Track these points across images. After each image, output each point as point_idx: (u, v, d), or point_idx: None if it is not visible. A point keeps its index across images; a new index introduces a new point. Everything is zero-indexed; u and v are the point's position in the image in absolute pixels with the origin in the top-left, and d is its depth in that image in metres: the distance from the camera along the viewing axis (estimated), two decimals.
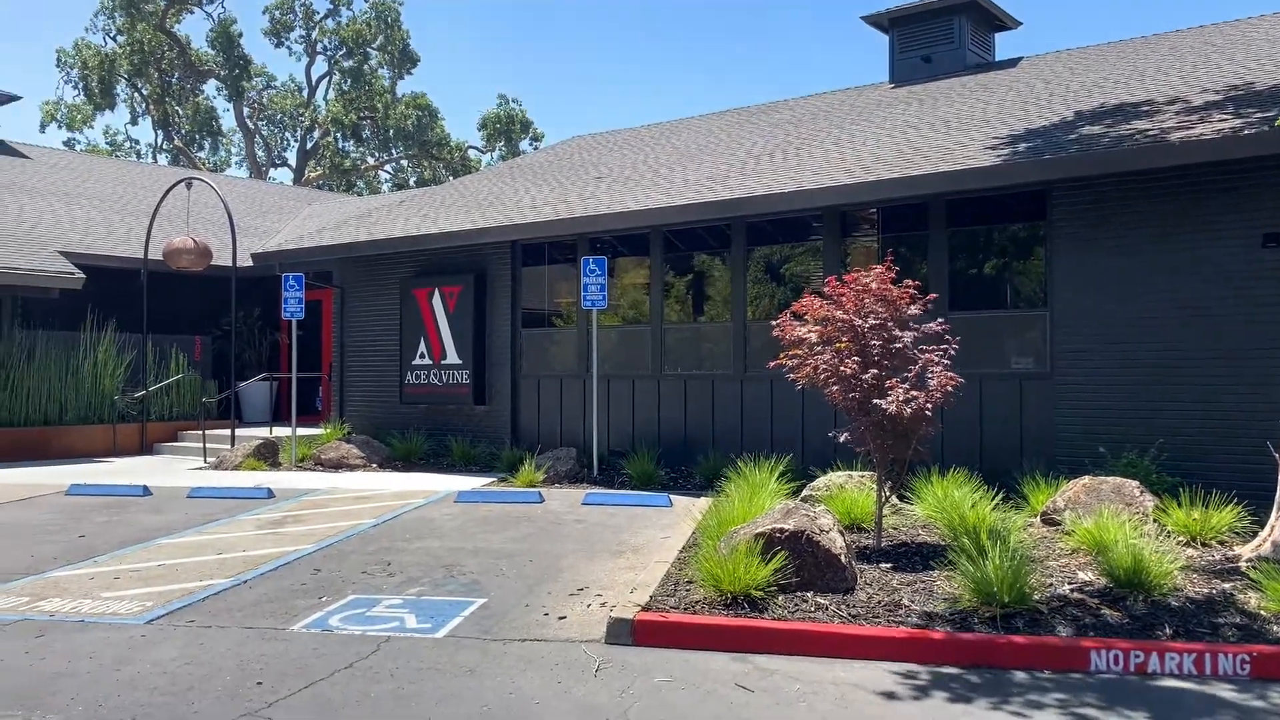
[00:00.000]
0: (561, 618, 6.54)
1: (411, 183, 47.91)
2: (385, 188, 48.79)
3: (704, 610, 6.33)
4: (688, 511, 10.08)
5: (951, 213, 11.39)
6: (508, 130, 47.77)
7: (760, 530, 6.91)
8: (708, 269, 13.65)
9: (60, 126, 45.47)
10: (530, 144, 47.70)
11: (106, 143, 47.48)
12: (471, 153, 49.00)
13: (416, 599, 7.00)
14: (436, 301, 15.37)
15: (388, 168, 50.48)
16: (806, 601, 6.49)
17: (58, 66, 44.36)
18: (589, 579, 7.51)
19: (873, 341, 7.67)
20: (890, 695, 5.24)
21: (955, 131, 12.49)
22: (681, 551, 7.99)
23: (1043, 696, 5.20)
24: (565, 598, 7.01)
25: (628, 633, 6.09)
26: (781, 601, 6.45)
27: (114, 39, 44.18)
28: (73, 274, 16.87)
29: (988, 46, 17.35)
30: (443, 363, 15.29)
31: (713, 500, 9.59)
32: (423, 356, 15.54)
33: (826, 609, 6.37)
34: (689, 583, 6.90)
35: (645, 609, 6.32)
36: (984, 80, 15.57)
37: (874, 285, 7.87)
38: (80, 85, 43.92)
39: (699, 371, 13.20)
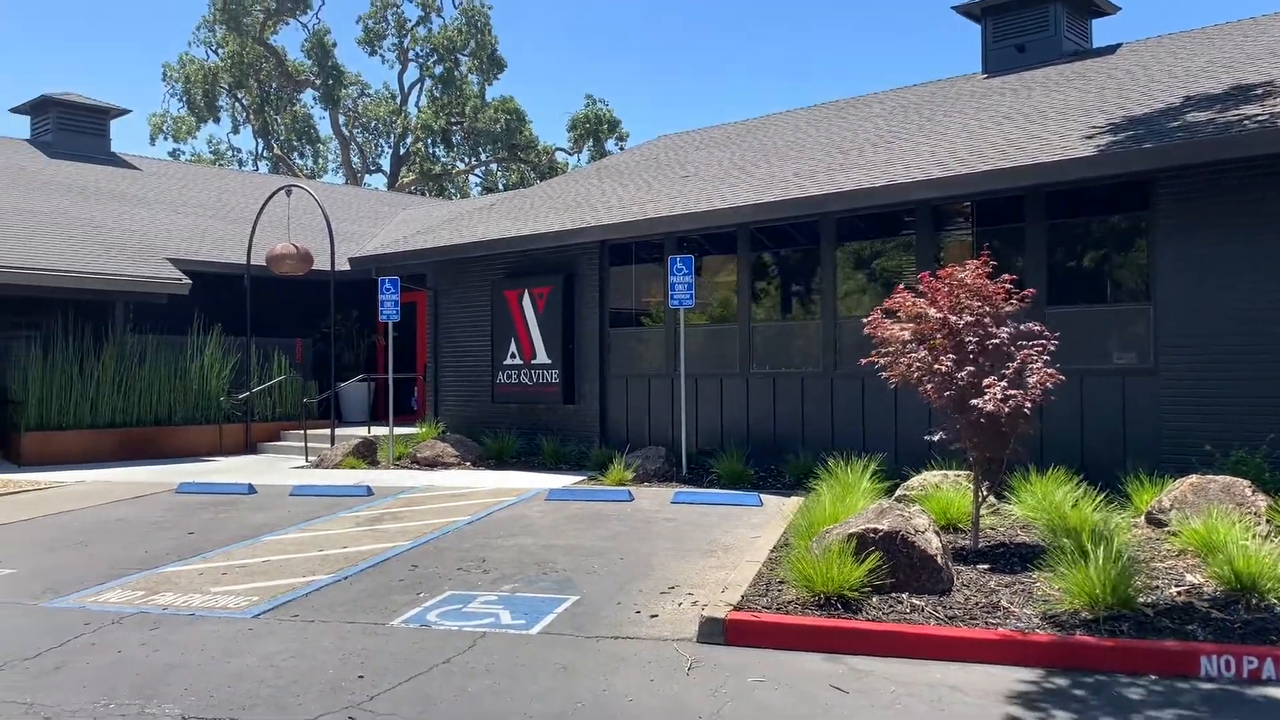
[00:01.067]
0: (653, 616, 6.57)
1: (500, 186, 48.61)
2: (475, 191, 49.57)
3: (796, 610, 6.29)
4: (778, 511, 10.03)
5: (1049, 205, 11.09)
6: (595, 131, 48.10)
7: (853, 530, 6.84)
8: (796, 266, 13.55)
9: (166, 138, 47.30)
10: (617, 144, 47.94)
11: (210, 152, 49.21)
12: (559, 155, 49.48)
13: (510, 595, 7.10)
14: (526, 302, 15.57)
15: (477, 172, 51.29)
16: (901, 603, 6.40)
17: (163, 80, 46.19)
18: (680, 577, 7.52)
19: (968, 338, 7.52)
20: (989, 698, 5.14)
21: (1052, 121, 12.16)
22: (772, 551, 7.96)
23: (1160, 711, 5.04)
24: (656, 596, 7.04)
25: (720, 632, 6.08)
26: (875, 602, 6.37)
27: (215, 52, 45.80)
28: (180, 280, 17.55)
29: (1084, 33, 16.85)
30: (533, 362, 15.49)
31: (803, 500, 9.52)
32: (513, 356, 15.76)
33: (922, 610, 6.27)
34: (781, 583, 6.86)
35: (737, 608, 6.31)
36: (1081, 68, 15.11)
37: (969, 280, 7.71)
38: (184, 98, 45.61)
39: (788, 369, 13.11)
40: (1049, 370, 7.43)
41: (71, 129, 24.32)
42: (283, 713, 4.92)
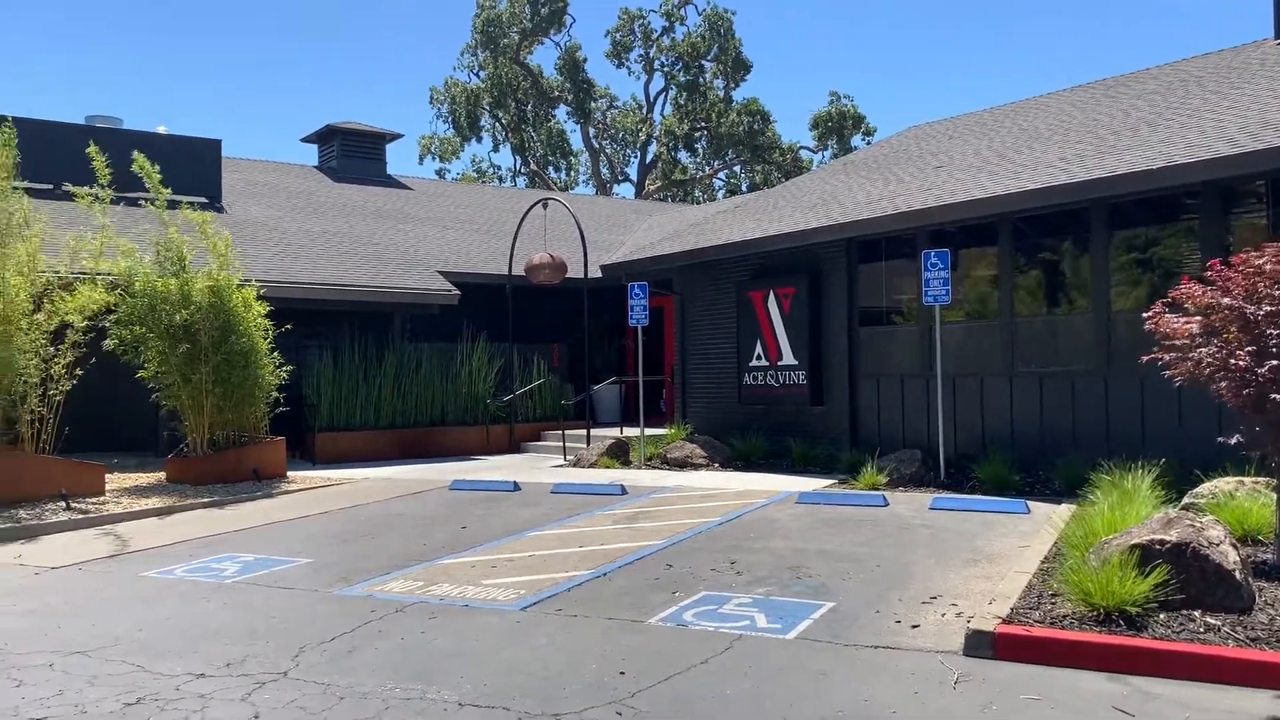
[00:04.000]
0: (914, 626, 6.33)
1: (744, 188, 48.76)
2: (719, 195, 49.98)
3: (1072, 625, 5.87)
4: (1048, 519, 9.44)
5: None
6: (839, 128, 47.34)
7: (1136, 541, 6.31)
8: (1063, 257, 12.72)
9: (434, 158, 50.71)
10: (863, 139, 46.94)
11: (472, 170, 52.35)
12: (803, 153, 49.05)
13: (765, 598, 7.06)
14: (771, 303, 15.50)
15: (721, 175, 51.70)
16: (1194, 620, 5.84)
17: (430, 104, 49.59)
18: (941, 587, 7.22)
19: (1269, 330, 6.77)
20: None
21: None
22: (1043, 562, 7.49)
23: None
24: (917, 605, 6.79)
25: (988, 645, 5.78)
26: (1163, 619, 5.85)
27: (476, 75, 48.70)
28: (450, 291, 18.75)
29: None
30: (779, 364, 15.39)
31: (1076, 508, 8.92)
32: (759, 358, 15.72)
33: (1218, 630, 5.70)
34: (1054, 595, 6.44)
35: (1006, 621, 5.97)
36: None
37: (1269, 267, 6.95)
38: (449, 119, 48.77)
39: (1055, 368, 12.32)
40: None
41: (352, 154, 26.53)
42: (550, 705, 5.11)
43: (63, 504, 11.39)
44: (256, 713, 5.06)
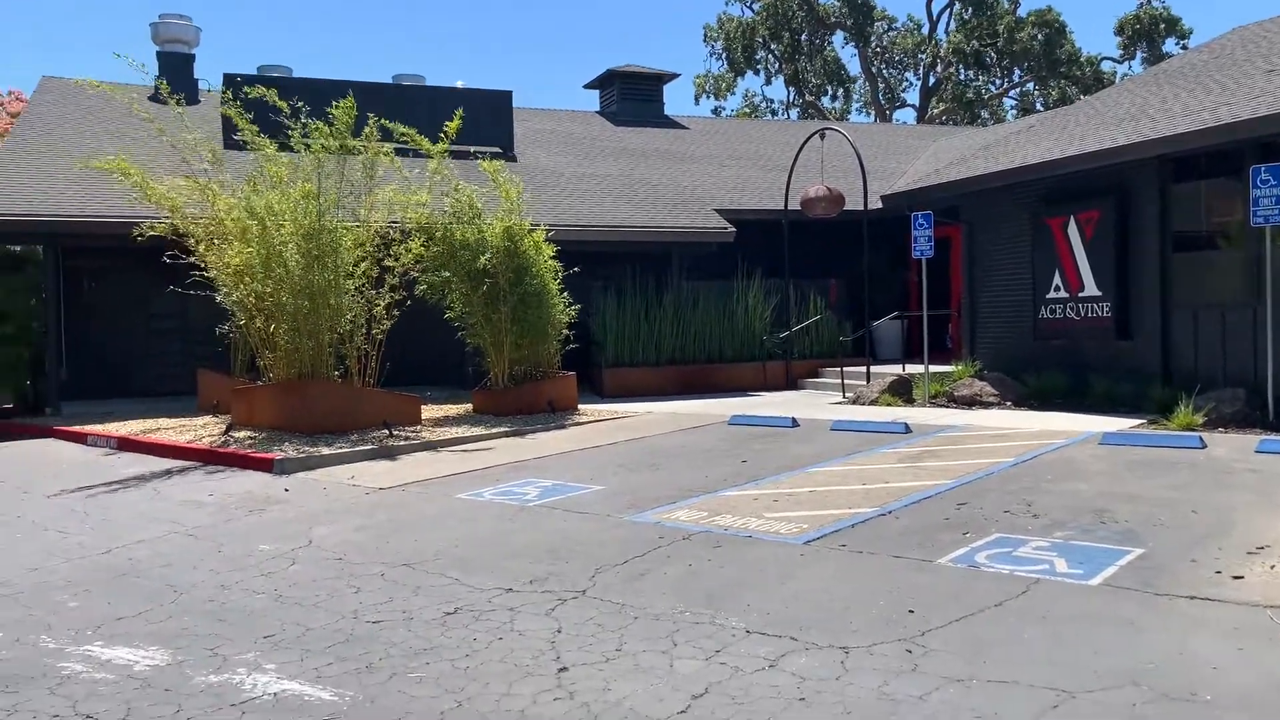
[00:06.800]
0: (1237, 577, 5.79)
1: (1038, 107, 45.47)
2: (1009, 116, 46.95)
3: None
4: None
5: None
6: (1149, 33, 42.98)
7: None
8: None
9: (708, 97, 50.87)
10: (1178, 45, 42.41)
11: (745, 106, 52.09)
12: (1105, 64, 45.01)
13: (1064, 543, 6.69)
14: (1071, 230, 14.42)
15: (1012, 94, 48.49)
16: None
17: (704, 41, 49.65)
18: (1270, 536, 6.56)
19: None
20: None
21: None
22: None
23: None
24: (1241, 556, 6.20)
25: None
26: None
27: (750, 8, 48.20)
28: (726, 229, 18.89)
29: None
30: (1079, 295, 14.34)
31: None
32: (1057, 289, 14.72)
33: None
34: None
35: None
36: None
37: None
38: (723, 56, 48.67)
39: None
40: None
41: (631, 97, 27.10)
42: (837, 638, 5.12)
43: (385, 431, 12.60)
44: (559, 627, 5.42)
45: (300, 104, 13.25)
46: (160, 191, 13.67)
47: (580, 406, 15.27)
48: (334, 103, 13.18)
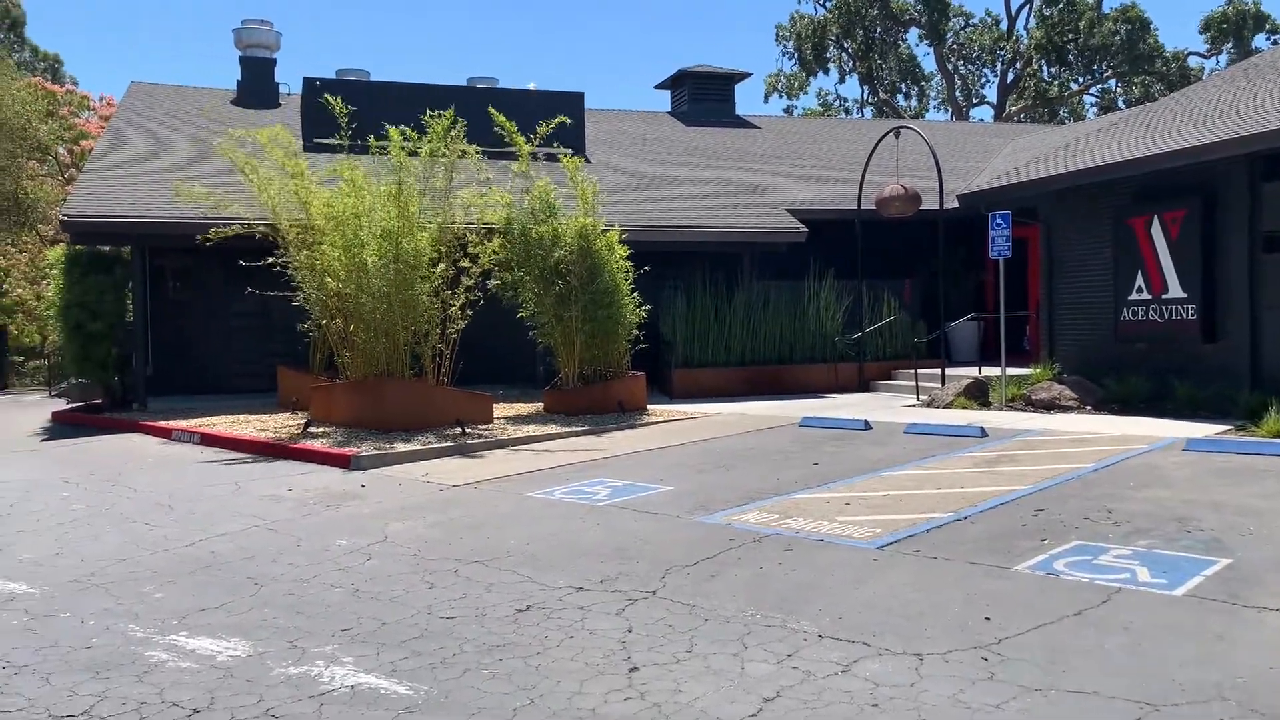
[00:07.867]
0: None
1: (1120, 104, 44.33)
2: (1090, 114, 45.85)
3: None
4: None
5: None
6: (1237, 29, 41.66)
7: None
8: None
9: (780, 95, 50.59)
10: (1268, 40, 41.00)
11: (818, 105, 51.67)
12: (1192, 60, 43.73)
13: (1146, 551, 6.51)
14: (1155, 230, 14.03)
15: (1093, 91, 47.34)
16: None
17: (776, 41, 49.39)
18: None
19: None
20: None
21: None
22: None
23: None
24: None
25: None
26: None
27: (823, 6, 47.79)
28: (798, 229, 18.77)
29: None
30: (1163, 297, 13.94)
31: None
32: (1140, 291, 14.33)
33: None
34: None
35: None
36: None
37: None
38: (795, 54, 48.34)
39: None
40: None
41: (702, 97, 27.07)
42: (911, 644, 5.05)
43: (459, 429, 12.77)
44: (630, 626, 5.43)
45: (380, 108, 13.51)
46: (271, 193, 13.97)
47: (649, 407, 15.29)
48: (424, 111, 13.51)
